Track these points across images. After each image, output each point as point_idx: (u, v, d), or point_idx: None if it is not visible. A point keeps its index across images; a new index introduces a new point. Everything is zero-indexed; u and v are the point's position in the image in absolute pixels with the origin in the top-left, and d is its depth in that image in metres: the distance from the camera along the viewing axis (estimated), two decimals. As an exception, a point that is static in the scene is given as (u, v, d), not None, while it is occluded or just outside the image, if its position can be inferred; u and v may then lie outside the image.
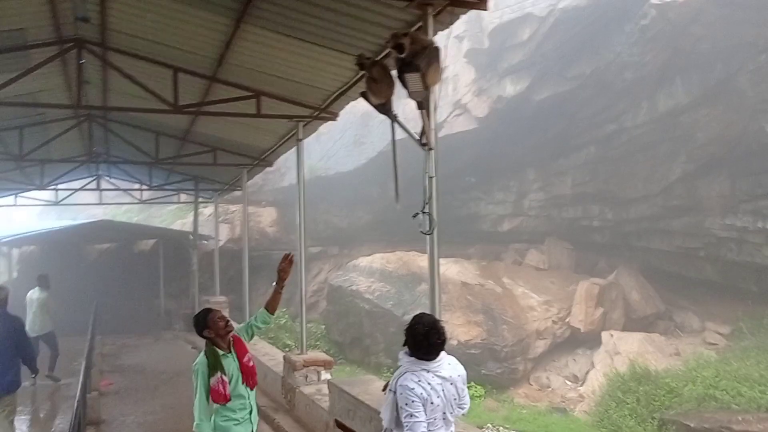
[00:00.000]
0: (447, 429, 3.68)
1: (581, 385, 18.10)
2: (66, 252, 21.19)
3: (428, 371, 3.61)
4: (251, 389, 4.68)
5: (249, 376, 4.66)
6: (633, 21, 16.86)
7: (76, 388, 8.81)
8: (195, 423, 4.54)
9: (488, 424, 15.79)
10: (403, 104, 6.15)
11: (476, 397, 17.35)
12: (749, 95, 17.18)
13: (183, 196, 20.56)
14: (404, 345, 3.73)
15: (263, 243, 22.93)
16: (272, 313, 4.96)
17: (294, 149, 10.56)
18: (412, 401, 3.49)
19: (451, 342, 18.26)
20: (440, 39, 5.71)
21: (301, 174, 9.60)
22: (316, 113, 9.20)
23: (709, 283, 20.42)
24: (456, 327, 18.36)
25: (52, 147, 13.19)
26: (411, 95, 5.11)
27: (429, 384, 3.57)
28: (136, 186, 19.39)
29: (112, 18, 7.96)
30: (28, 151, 12.23)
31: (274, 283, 4.94)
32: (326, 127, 15.46)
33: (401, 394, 3.53)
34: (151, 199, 20.90)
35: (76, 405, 6.08)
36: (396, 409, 3.58)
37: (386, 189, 20.95)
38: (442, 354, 3.72)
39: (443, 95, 20.73)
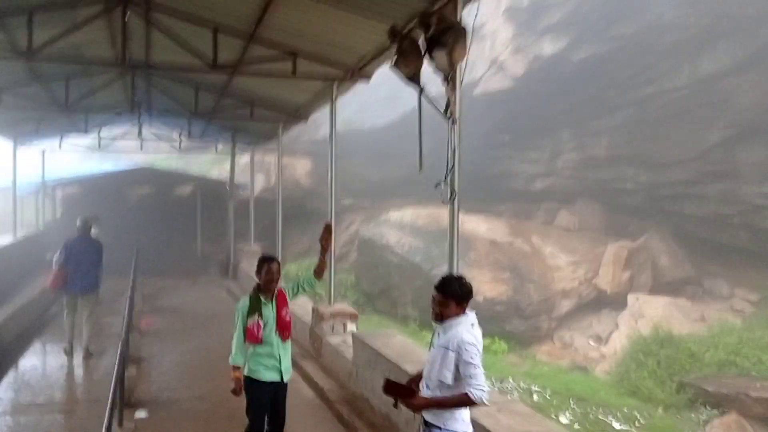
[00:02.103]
0: None
1: (604, 346, 18.38)
2: (108, 195, 21.94)
3: (473, 325, 3.90)
4: (284, 341, 5.19)
5: (284, 328, 5.20)
6: (677, -19, 16.47)
7: (119, 327, 9.49)
8: (231, 355, 5.19)
9: (509, 378, 16.24)
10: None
11: (499, 352, 17.79)
12: (795, 61, 16.75)
13: (220, 146, 21.06)
14: (465, 301, 3.95)
15: (297, 193, 23.40)
16: (319, 279, 5.59)
17: (340, 96, 10.76)
18: (476, 354, 3.75)
19: (477, 298, 18.58)
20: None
21: (333, 133, 9.90)
22: (350, 75, 9.42)
23: (741, 250, 20.29)
24: (483, 284, 18.69)
25: (97, 95, 13.69)
26: (437, 70, 5.34)
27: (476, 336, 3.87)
28: (175, 134, 19.90)
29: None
30: (74, 99, 12.76)
31: (320, 253, 5.50)
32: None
33: (467, 350, 3.71)
34: (190, 147, 21.43)
35: (121, 345, 6.61)
36: (457, 366, 3.76)
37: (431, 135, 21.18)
38: None
39: (480, 52, 20.60)
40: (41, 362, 10.18)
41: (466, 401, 3.72)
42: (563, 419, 13.00)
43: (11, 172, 18.16)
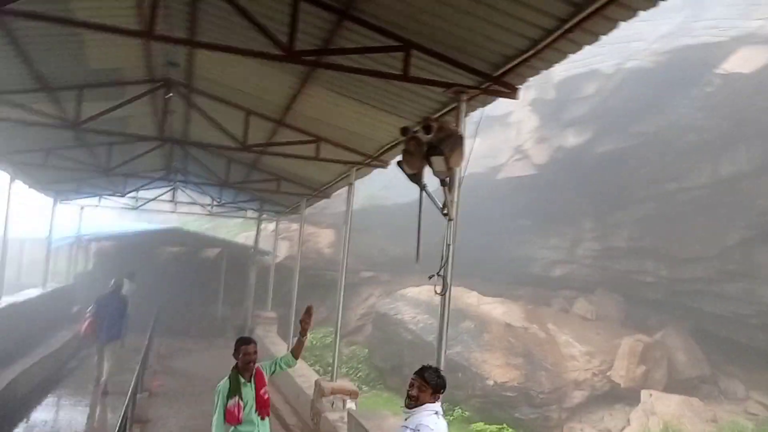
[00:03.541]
0: None
1: (614, 441, 18.07)
2: (139, 253, 22.60)
3: (437, 413, 4.29)
4: (262, 419, 5.42)
5: (262, 406, 5.42)
6: (698, 87, 17.04)
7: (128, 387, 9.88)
8: None
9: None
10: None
11: (506, 438, 17.61)
12: (813, 169, 17.03)
13: (248, 212, 21.83)
14: (440, 392, 4.35)
15: (319, 263, 23.85)
16: (296, 358, 5.76)
17: (358, 181, 11.33)
18: None
19: (488, 382, 18.67)
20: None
21: (349, 216, 10.42)
22: (368, 160, 10.03)
23: (759, 351, 20.01)
24: (494, 368, 18.71)
25: (136, 161, 14.56)
26: (435, 174, 5.83)
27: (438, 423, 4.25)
28: (207, 199, 20.74)
29: (198, 64, 9.04)
30: (115, 164, 13.60)
31: (299, 334, 5.71)
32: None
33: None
34: (220, 212, 22.22)
35: (125, 405, 6.98)
36: None
37: (441, 225, 21.70)
38: None
39: (506, 138, 21.29)
40: (52, 417, 10.53)
41: None
42: None
43: (49, 227, 19.01)
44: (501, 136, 21.92)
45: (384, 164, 9.99)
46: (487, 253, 23.27)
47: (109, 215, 27.26)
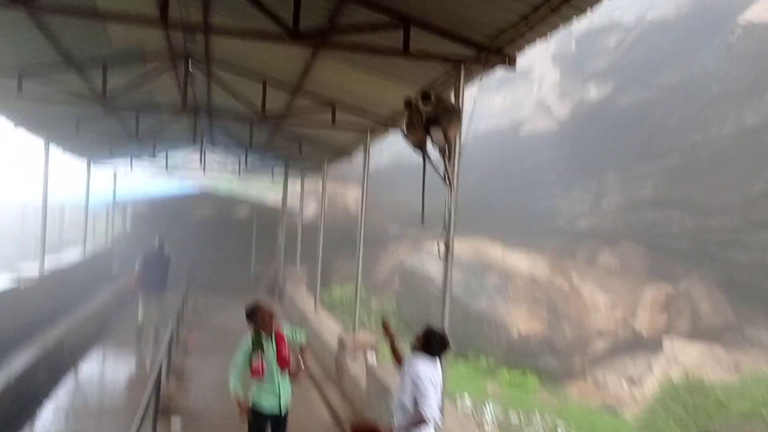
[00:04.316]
0: None
1: (636, 388, 18.52)
2: (173, 214, 23.47)
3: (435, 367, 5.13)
4: (283, 373, 5.98)
5: (283, 362, 5.97)
6: (720, 37, 16.78)
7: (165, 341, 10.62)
8: (231, 384, 5.86)
9: (536, 412, 16.69)
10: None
11: (530, 387, 18.21)
12: (842, 116, 16.77)
13: (276, 173, 22.36)
14: (430, 349, 5.16)
15: (347, 220, 24.38)
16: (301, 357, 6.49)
17: (373, 144, 11.71)
18: (429, 384, 4.94)
19: (512, 333, 19.21)
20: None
21: (365, 179, 10.84)
22: (383, 125, 10.37)
23: (786, 300, 20.09)
24: (518, 319, 19.22)
25: (163, 128, 15.12)
26: (434, 145, 6.19)
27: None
28: (234, 161, 21.31)
29: (214, 38, 9.40)
30: (143, 130, 14.17)
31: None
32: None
33: (421, 379, 4.94)
34: (249, 172, 22.80)
35: (159, 359, 7.63)
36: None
37: (466, 180, 21.93)
38: None
39: (527, 93, 21.26)
40: (97, 369, 11.39)
41: (422, 419, 4.85)
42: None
43: (85, 190, 19.81)
44: (523, 90, 21.90)
45: (399, 128, 10.29)
46: (512, 206, 23.53)
47: (142, 177, 28.06)
